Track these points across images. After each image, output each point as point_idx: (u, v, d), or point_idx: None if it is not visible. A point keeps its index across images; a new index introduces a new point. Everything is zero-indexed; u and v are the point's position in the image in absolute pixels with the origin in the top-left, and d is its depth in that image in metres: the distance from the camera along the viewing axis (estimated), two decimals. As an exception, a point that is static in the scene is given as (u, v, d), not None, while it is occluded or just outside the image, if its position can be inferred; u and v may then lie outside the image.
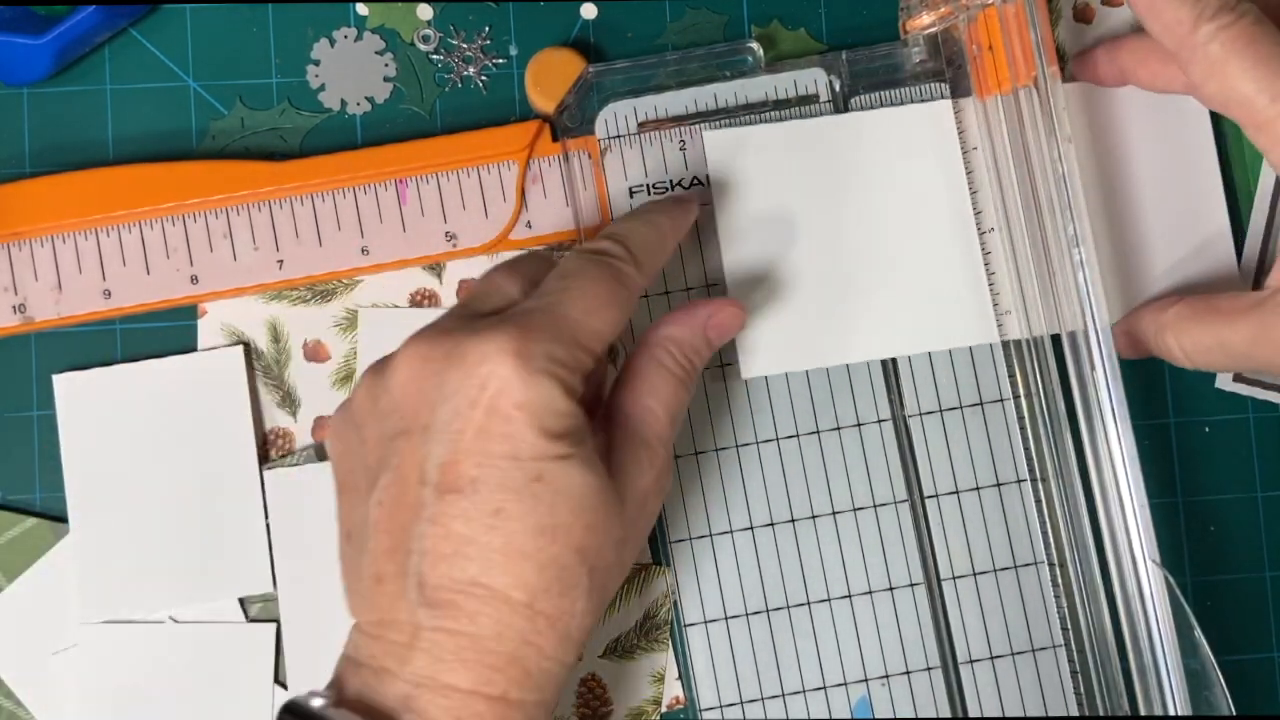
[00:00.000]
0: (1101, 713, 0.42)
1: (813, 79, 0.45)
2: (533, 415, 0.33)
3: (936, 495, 0.44)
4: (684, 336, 0.39)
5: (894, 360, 0.44)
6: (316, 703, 0.34)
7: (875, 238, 0.44)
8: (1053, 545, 0.44)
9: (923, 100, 0.45)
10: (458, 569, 0.33)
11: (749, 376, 0.44)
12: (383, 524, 0.34)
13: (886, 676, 0.43)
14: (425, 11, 0.46)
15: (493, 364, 0.33)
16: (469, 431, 0.33)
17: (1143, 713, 0.40)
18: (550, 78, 0.44)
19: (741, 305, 0.41)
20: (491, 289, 0.38)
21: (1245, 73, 0.38)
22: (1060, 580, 0.44)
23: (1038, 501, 0.44)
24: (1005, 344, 0.44)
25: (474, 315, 0.36)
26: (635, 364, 0.39)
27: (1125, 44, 0.44)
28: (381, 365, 0.36)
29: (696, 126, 0.44)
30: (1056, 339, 0.42)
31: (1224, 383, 0.46)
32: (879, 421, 0.44)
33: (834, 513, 0.44)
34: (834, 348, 0.44)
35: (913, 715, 0.43)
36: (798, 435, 0.44)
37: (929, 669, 0.44)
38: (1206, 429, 0.46)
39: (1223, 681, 0.39)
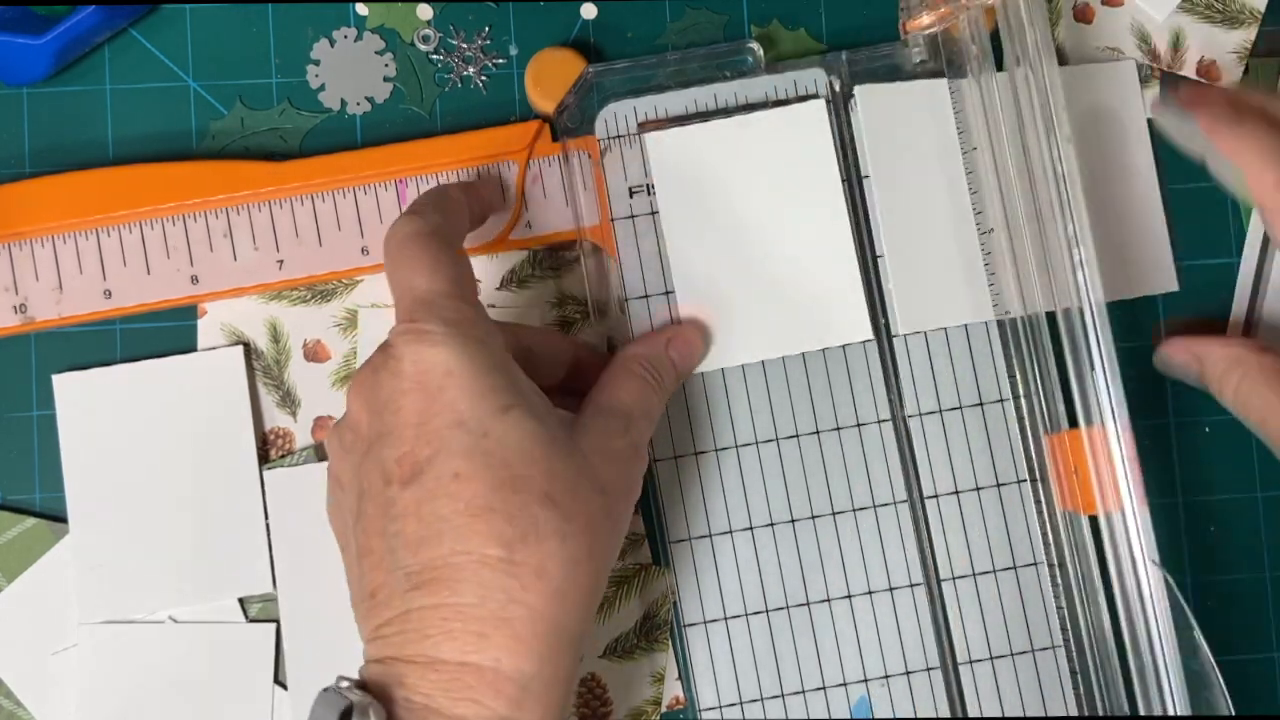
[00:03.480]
0: (1101, 713, 0.43)
1: (813, 79, 0.45)
2: (461, 376, 0.35)
3: (936, 495, 0.44)
4: (647, 353, 0.42)
5: (894, 360, 0.44)
6: (343, 684, 0.34)
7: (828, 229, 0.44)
8: (1053, 545, 0.44)
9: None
10: (436, 546, 0.34)
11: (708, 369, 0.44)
12: (365, 543, 0.35)
13: (886, 677, 0.43)
14: (425, 11, 0.46)
15: (408, 353, 0.35)
16: (414, 419, 0.35)
17: (1142, 713, 0.40)
18: (550, 78, 0.44)
19: (702, 331, 0.43)
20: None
21: None
22: (1060, 580, 0.44)
23: (1037, 501, 0.44)
24: (1005, 342, 0.44)
25: None
26: (606, 372, 0.41)
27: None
28: (340, 420, 0.38)
29: (697, 127, 0.44)
30: (1056, 339, 0.42)
31: (1224, 383, 0.46)
32: (879, 421, 0.44)
33: (834, 513, 0.44)
34: (802, 338, 0.44)
35: (913, 715, 0.43)
36: (798, 435, 0.44)
37: (929, 669, 0.44)
38: (1206, 429, 0.46)
39: (1222, 682, 0.39)
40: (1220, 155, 0.42)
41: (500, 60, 0.46)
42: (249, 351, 0.44)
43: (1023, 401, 0.44)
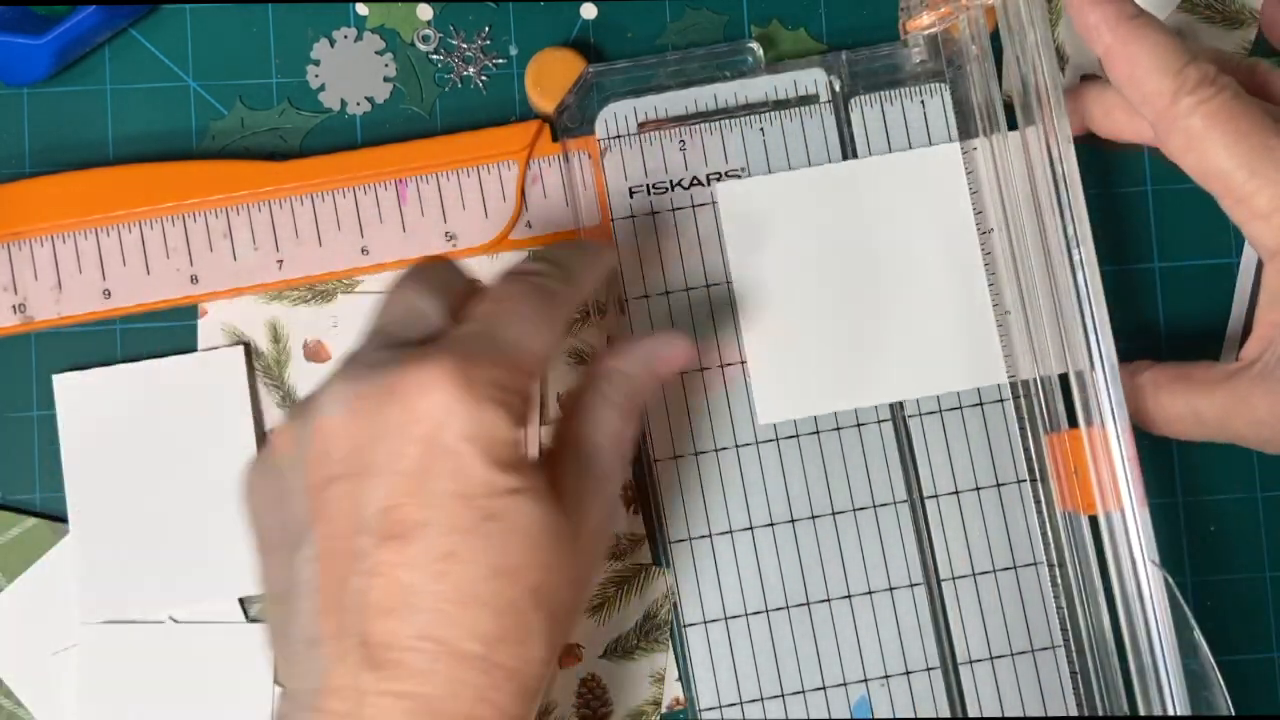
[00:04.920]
0: (1101, 713, 0.43)
1: (813, 79, 0.45)
2: (482, 447, 0.31)
3: (936, 495, 0.44)
4: (629, 369, 0.38)
5: (894, 360, 0.44)
6: None
7: (886, 281, 0.44)
8: (1052, 545, 0.44)
9: (923, 106, 0.45)
10: (405, 623, 0.31)
11: (765, 422, 0.44)
12: (314, 581, 0.32)
13: (886, 676, 0.43)
14: (425, 11, 0.46)
15: (434, 395, 0.31)
16: (412, 471, 0.31)
17: (1142, 713, 0.40)
18: (550, 78, 0.44)
19: (690, 341, 0.40)
20: (409, 312, 0.35)
21: (1225, 148, 0.38)
22: (1060, 580, 0.44)
23: (1037, 501, 0.44)
24: (1004, 343, 0.44)
25: (399, 344, 0.34)
26: (581, 398, 0.37)
27: (1089, 92, 0.43)
28: (307, 406, 0.33)
29: (696, 126, 0.44)
30: (1056, 341, 0.42)
31: (1224, 383, 0.46)
32: (879, 422, 0.44)
33: (834, 513, 0.44)
34: (846, 392, 0.44)
35: (913, 715, 0.43)
36: (798, 435, 0.44)
37: (929, 669, 0.44)
38: (1206, 429, 0.46)
39: (1222, 682, 0.39)
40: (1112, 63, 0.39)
41: (500, 60, 0.46)
42: (249, 351, 0.44)
43: (1023, 401, 0.44)
